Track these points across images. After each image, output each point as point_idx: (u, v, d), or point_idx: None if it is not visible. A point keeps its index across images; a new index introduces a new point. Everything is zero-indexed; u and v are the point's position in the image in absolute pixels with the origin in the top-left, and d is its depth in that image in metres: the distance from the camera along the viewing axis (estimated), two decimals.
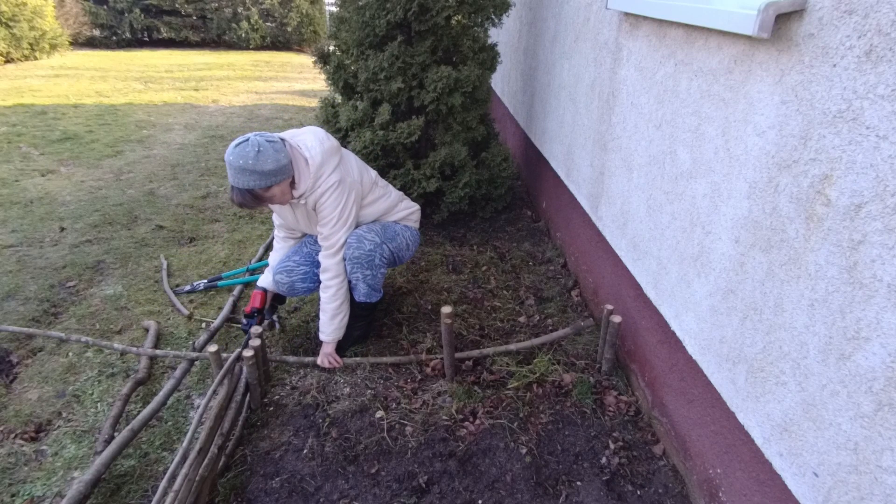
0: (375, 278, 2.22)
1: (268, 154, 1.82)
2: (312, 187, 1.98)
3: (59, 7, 11.26)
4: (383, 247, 2.18)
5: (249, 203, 1.89)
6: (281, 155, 1.86)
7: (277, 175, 1.85)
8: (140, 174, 4.51)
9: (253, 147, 1.81)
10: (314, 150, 1.97)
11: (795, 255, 1.19)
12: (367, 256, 2.13)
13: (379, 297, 2.31)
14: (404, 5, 2.78)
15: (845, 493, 1.08)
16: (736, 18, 1.25)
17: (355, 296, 2.27)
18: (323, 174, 1.99)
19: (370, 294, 2.26)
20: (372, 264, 2.16)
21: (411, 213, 2.40)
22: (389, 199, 2.30)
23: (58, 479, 1.75)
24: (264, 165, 1.81)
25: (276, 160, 1.84)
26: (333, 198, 2.01)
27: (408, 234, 2.35)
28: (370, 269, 2.17)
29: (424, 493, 1.70)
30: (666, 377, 1.84)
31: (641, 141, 1.96)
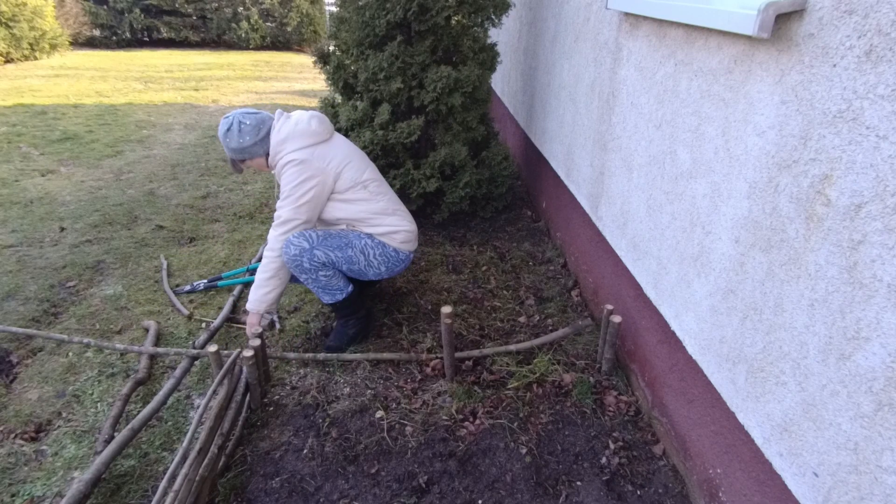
0: (318, 281, 2.17)
1: (233, 134, 2.09)
2: (273, 160, 2.13)
3: (59, 7, 11.26)
4: (314, 252, 2.09)
5: (235, 167, 2.22)
6: (245, 137, 2.08)
7: (242, 153, 2.12)
8: (140, 174, 4.51)
9: (226, 124, 2.10)
10: (284, 127, 2.10)
11: (795, 255, 1.19)
12: (292, 261, 2.10)
13: (343, 294, 2.24)
14: (404, 5, 2.78)
15: (845, 493, 1.08)
16: (736, 18, 1.25)
17: (319, 298, 2.28)
18: (283, 150, 2.09)
19: (329, 295, 2.23)
20: (302, 268, 2.11)
21: (395, 231, 2.23)
22: (368, 207, 2.19)
23: (58, 479, 1.75)
24: (230, 143, 2.10)
25: (239, 141, 2.09)
26: (288, 173, 2.06)
27: (375, 251, 2.20)
28: (304, 273, 2.14)
29: (424, 493, 1.70)
30: (666, 377, 1.84)
31: (641, 141, 1.96)
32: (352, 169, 2.16)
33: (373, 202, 2.22)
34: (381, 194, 2.26)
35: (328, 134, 2.17)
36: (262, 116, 2.12)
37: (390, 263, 2.27)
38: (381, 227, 2.23)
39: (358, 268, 2.22)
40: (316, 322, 2.54)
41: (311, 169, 2.05)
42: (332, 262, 2.15)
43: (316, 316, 2.59)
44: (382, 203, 2.25)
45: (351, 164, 2.16)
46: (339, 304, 2.27)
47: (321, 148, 2.10)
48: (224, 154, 5.10)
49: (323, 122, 2.15)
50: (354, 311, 2.33)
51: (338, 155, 2.13)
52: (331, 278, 2.19)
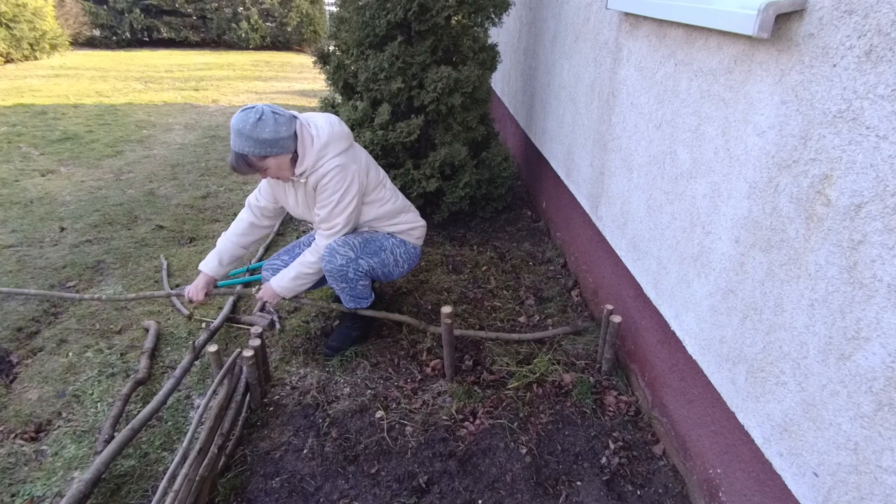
0: (355, 290, 2.17)
1: (268, 123, 1.84)
2: (314, 166, 1.96)
3: (59, 7, 11.26)
4: (358, 262, 2.10)
5: (243, 168, 1.90)
6: (282, 128, 1.87)
7: (273, 146, 1.86)
8: (140, 174, 4.51)
9: (256, 114, 1.84)
10: (322, 129, 1.97)
11: (795, 255, 1.19)
12: (338, 271, 2.09)
13: (368, 303, 2.26)
14: (404, 5, 2.78)
15: (845, 493, 1.08)
16: (736, 18, 1.25)
17: (343, 302, 2.27)
18: (327, 154, 1.97)
19: (355, 302, 2.23)
20: (346, 278, 2.11)
21: (412, 227, 2.29)
22: (392, 206, 2.22)
23: (58, 479, 1.75)
24: (261, 133, 1.83)
25: (275, 131, 1.85)
26: (335, 181, 1.97)
27: (400, 250, 2.25)
28: (345, 283, 2.13)
29: (424, 493, 1.70)
30: (666, 377, 1.84)
31: (641, 141, 1.96)
32: (374, 167, 2.16)
33: (392, 201, 2.22)
34: (395, 191, 2.27)
35: (352, 136, 2.13)
36: (290, 113, 1.97)
37: (411, 261, 2.32)
38: (401, 225, 2.25)
39: (388, 269, 2.24)
40: (316, 322, 2.55)
41: (352, 172, 2.00)
42: (372, 269, 2.17)
43: (316, 316, 2.59)
44: (399, 201, 2.26)
45: (371, 163, 2.15)
46: (359, 309, 2.27)
47: (353, 150, 2.07)
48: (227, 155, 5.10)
49: (345, 125, 2.09)
50: (364, 319, 2.35)
51: (363, 156, 2.11)
52: (366, 287, 2.21)
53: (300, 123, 1.96)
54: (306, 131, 1.96)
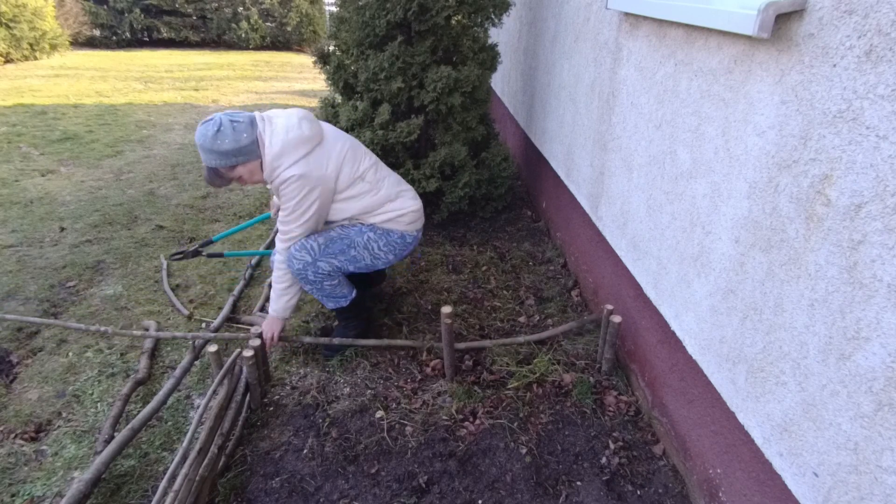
0: (323, 290, 2.16)
1: (226, 134, 1.84)
2: (271, 176, 1.95)
3: (59, 7, 11.25)
4: (317, 264, 2.07)
5: (216, 181, 1.94)
6: (242, 136, 1.86)
7: (237, 156, 1.87)
8: (140, 174, 4.51)
9: (214, 126, 1.84)
10: (276, 137, 1.90)
11: (795, 255, 1.19)
12: (297, 274, 2.09)
13: (347, 300, 2.23)
14: (404, 5, 2.78)
15: (845, 493, 1.08)
16: (736, 18, 1.25)
17: (322, 303, 2.27)
18: (280, 165, 1.91)
19: (334, 301, 2.22)
20: (307, 280, 2.10)
21: (400, 214, 2.17)
22: (372, 199, 2.12)
23: (58, 479, 1.75)
24: (221, 145, 1.84)
25: (235, 140, 1.84)
26: (291, 190, 1.93)
27: (380, 243, 2.16)
28: (309, 284, 2.13)
29: (424, 493, 1.70)
30: (666, 377, 1.84)
31: (641, 141, 1.96)
32: (348, 164, 2.05)
33: (373, 192, 2.13)
34: (380, 181, 2.16)
35: (320, 134, 2.02)
36: (250, 115, 1.94)
37: (397, 250, 2.23)
38: (385, 215, 2.16)
39: (364, 264, 2.19)
40: (316, 322, 2.55)
41: (312, 181, 1.94)
42: (337, 269, 2.13)
43: (316, 316, 2.59)
44: (384, 190, 2.16)
45: (346, 160, 2.05)
46: (340, 309, 2.26)
47: (316, 153, 1.97)
48: None
49: (312, 123, 2.00)
50: (356, 314, 2.33)
51: (333, 155, 2.01)
52: (335, 287, 2.18)
53: (259, 129, 1.91)
54: (261, 139, 1.91)
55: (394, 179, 2.23)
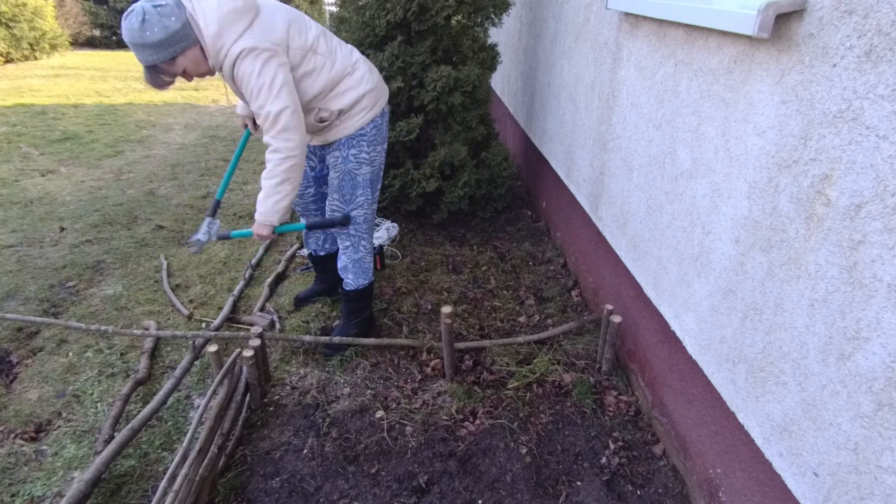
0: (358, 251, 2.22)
1: (153, 22, 1.64)
2: (217, 59, 1.76)
3: (59, 7, 11.25)
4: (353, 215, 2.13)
5: (158, 81, 1.77)
6: (170, 20, 1.65)
7: (173, 44, 1.67)
8: (140, 174, 4.51)
9: (137, 17, 1.64)
10: (209, 17, 1.70)
11: (795, 255, 1.19)
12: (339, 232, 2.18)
13: (367, 280, 2.29)
14: (404, 5, 2.78)
15: (845, 492, 1.08)
16: (736, 18, 1.25)
17: (344, 285, 2.29)
18: (224, 44, 1.72)
19: (357, 276, 2.26)
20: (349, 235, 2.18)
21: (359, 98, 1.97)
22: (329, 75, 1.92)
23: (58, 479, 1.75)
24: (152, 36, 1.64)
25: (164, 28, 1.65)
26: (244, 66, 1.72)
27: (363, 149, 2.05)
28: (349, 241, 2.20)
29: (424, 493, 1.70)
30: (666, 377, 1.84)
31: (641, 141, 1.96)
32: (296, 33, 1.85)
33: (327, 68, 1.92)
34: (333, 52, 1.95)
35: (255, 4, 1.80)
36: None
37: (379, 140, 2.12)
38: (345, 98, 1.97)
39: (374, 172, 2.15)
40: (316, 322, 2.54)
41: (263, 50, 1.73)
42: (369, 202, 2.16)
43: (316, 316, 2.59)
44: (338, 63, 1.95)
45: (293, 28, 1.85)
46: (354, 294, 2.28)
47: (258, 23, 1.76)
48: (227, 155, 5.10)
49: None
50: (362, 308, 2.35)
51: (277, 23, 1.81)
52: (367, 254, 2.24)
53: (188, 10, 1.71)
54: (194, 21, 1.71)
55: (346, 49, 2.02)
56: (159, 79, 1.77)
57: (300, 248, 3.20)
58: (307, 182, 2.33)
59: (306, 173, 2.32)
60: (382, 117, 2.13)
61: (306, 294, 2.67)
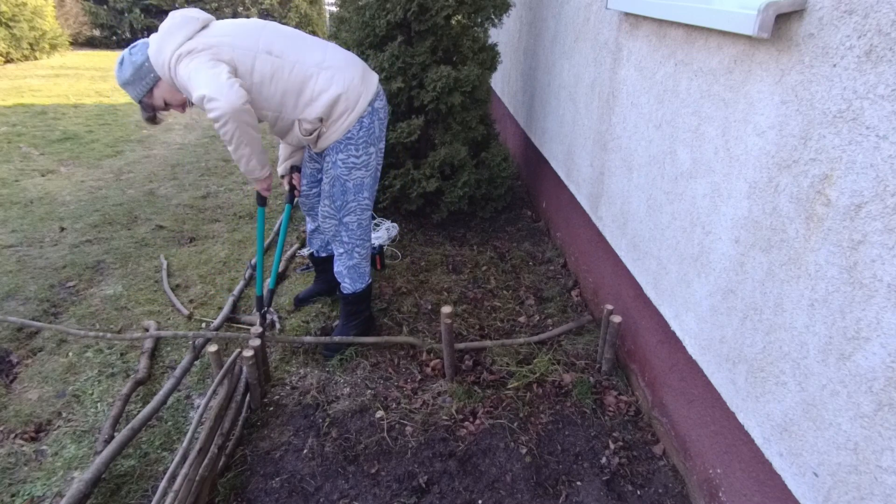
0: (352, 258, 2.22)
1: (126, 64, 1.82)
2: (165, 73, 1.79)
3: (59, 7, 11.25)
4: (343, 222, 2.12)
5: (150, 116, 1.94)
6: (137, 57, 1.81)
7: (142, 77, 1.82)
8: (140, 174, 4.51)
9: (118, 62, 1.84)
10: (153, 40, 1.79)
11: (795, 255, 1.19)
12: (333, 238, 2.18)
13: (365, 282, 2.29)
14: (404, 5, 2.78)
15: (845, 492, 1.08)
16: (736, 18, 1.25)
17: (342, 285, 2.30)
18: (164, 60, 1.76)
19: (359, 280, 2.27)
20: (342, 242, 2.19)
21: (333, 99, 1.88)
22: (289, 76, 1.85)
23: (58, 479, 1.75)
24: (125, 75, 1.83)
25: (132, 63, 1.80)
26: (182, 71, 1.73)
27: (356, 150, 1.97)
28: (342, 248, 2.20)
29: (424, 493, 1.70)
30: (666, 377, 1.84)
31: (641, 141, 1.97)
32: (245, 35, 1.82)
33: (286, 69, 1.84)
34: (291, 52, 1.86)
35: (200, 19, 1.82)
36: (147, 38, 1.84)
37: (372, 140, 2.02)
38: (319, 104, 1.89)
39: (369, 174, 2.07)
40: (316, 322, 2.54)
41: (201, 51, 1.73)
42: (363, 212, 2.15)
43: (316, 316, 2.59)
44: (299, 65, 1.86)
45: (240, 30, 1.83)
46: (351, 297, 2.29)
47: (201, 34, 1.78)
48: (227, 155, 5.10)
49: (189, 11, 1.82)
50: (360, 310, 2.36)
51: (223, 27, 1.82)
52: (362, 259, 2.25)
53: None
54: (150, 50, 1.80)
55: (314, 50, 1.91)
56: (148, 113, 1.94)
57: (300, 248, 3.20)
58: (312, 182, 2.35)
59: (312, 174, 2.35)
60: (372, 116, 1.98)
61: (306, 294, 2.67)
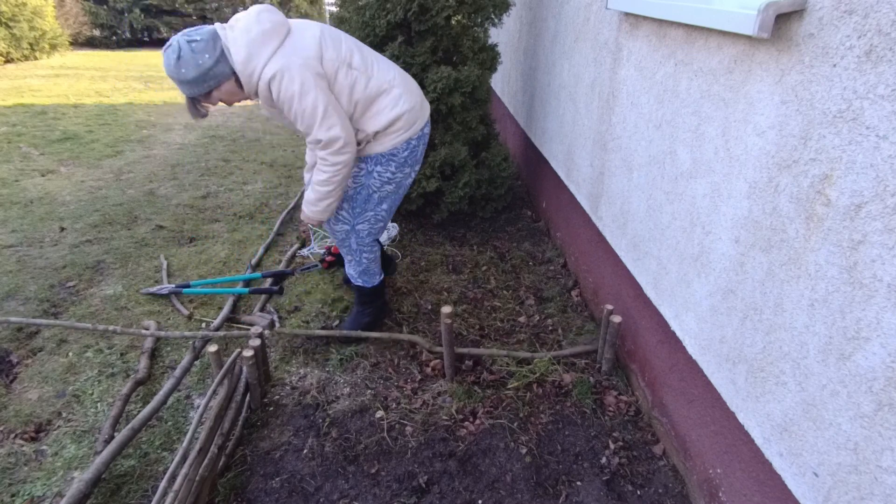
0: (361, 262, 2.20)
1: (187, 59, 1.70)
2: (250, 84, 1.79)
3: (59, 7, 11.25)
4: (356, 229, 2.06)
5: (198, 112, 1.84)
6: (204, 57, 1.70)
7: (206, 80, 1.73)
8: (140, 174, 4.51)
9: (173, 53, 1.70)
10: (239, 42, 1.73)
11: (795, 255, 1.19)
12: (342, 243, 2.14)
13: (377, 280, 2.28)
14: (404, 5, 2.78)
15: (845, 492, 1.08)
16: (736, 18, 1.25)
17: (351, 279, 2.30)
18: (255, 69, 1.74)
19: (367, 278, 2.26)
20: (350, 248, 2.15)
21: (395, 118, 1.93)
22: (362, 91, 1.89)
23: (58, 479, 1.75)
24: (187, 74, 1.71)
25: (197, 66, 1.70)
26: (285, 92, 1.75)
27: (391, 170, 2.00)
28: (351, 254, 2.17)
29: (424, 493, 1.70)
30: (666, 377, 1.84)
31: (641, 141, 1.97)
32: (329, 46, 1.84)
33: (362, 82, 1.89)
34: (366, 66, 1.92)
35: (286, 24, 1.82)
36: (209, 29, 1.75)
37: (410, 160, 2.06)
38: (380, 119, 1.93)
39: (397, 195, 2.10)
40: (316, 322, 2.54)
41: (296, 70, 1.74)
42: (376, 227, 2.12)
43: (316, 316, 2.59)
44: (373, 80, 1.91)
45: (325, 41, 1.84)
46: (368, 289, 2.30)
47: (288, 42, 1.78)
48: (228, 155, 5.10)
49: (273, 13, 1.80)
50: (374, 300, 2.37)
51: (308, 39, 1.81)
52: (371, 262, 2.22)
53: (222, 41, 1.74)
54: (227, 51, 1.75)
55: (384, 65, 1.98)
56: (197, 109, 1.84)
57: (301, 248, 3.21)
58: None
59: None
60: (420, 139, 2.06)
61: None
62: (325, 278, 2.89)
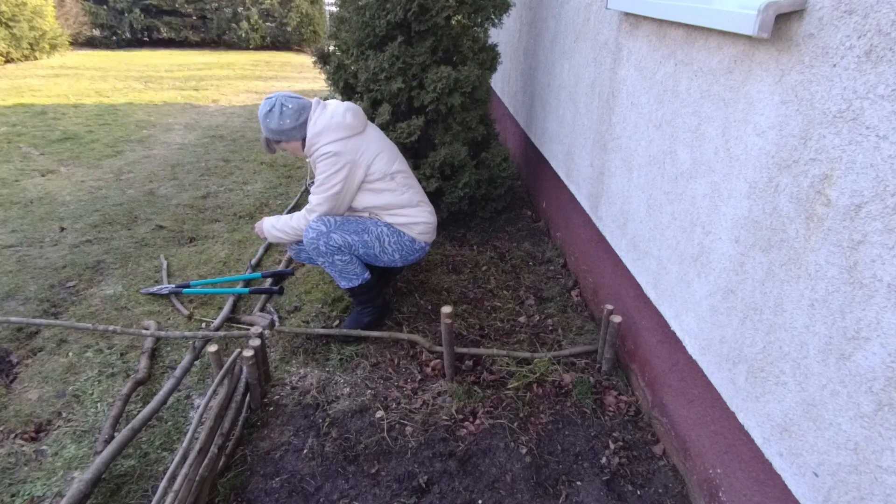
0: (335, 265, 2.25)
1: (274, 116, 2.17)
2: (309, 150, 2.21)
3: (59, 7, 11.25)
4: (330, 235, 2.19)
5: (270, 148, 2.33)
6: (286, 120, 2.17)
7: (280, 135, 2.20)
8: (140, 174, 4.51)
9: (268, 105, 2.19)
10: (321, 119, 2.17)
11: (795, 255, 1.19)
12: (310, 244, 2.21)
13: (360, 280, 2.31)
14: (404, 5, 2.78)
15: (845, 492, 1.08)
16: (736, 18, 1.25)
17: (336, 282, 2.37)
18: (318, 142, 2.16)
19: (346, 280, 2.30)
20: (319, 251, 2.21)
21: (414, 222, 2.32)
22: (393, 198, 2.28)
23: (58, 479, 1.75)
24: (270, 124, 2.19)
25: (279, 124, 2.17)
26: (323, 164, 2.15)
27: (391, 238, 2.29)
28: (321, 257, 2.23)
29: (424, 493, 1.70)
30: (666, 377, 1.84)
31: (641, 141, 1.97)
32: (382, 161, 2.23)
33: (398, 193, 2.29)
34: (407, 186, 2.33)
35: (362, 126, 2.24)
36: (304, 102, 2.20)
37: (405, 252, 2.35)
38: (401, 217, 2.31)
39: (372, 252, 2.30)
40: (316, 322, 2.54)
41: (343, 161, 2.14)
42: (348, 246, 2.23)
43: (316, 316, 2.59)
44: (407, 195, 2.32)
45: (381, 156, 2.23)
46: (355, 289, 2.33)
47: (354, 140, 2.18)
48: (227, 155, 5.10)
49: (357, 115, 2.22)
50: (371, 298, 2.39)
51: (370, 147, 2.21)
52: (347, 264, 2.26)
53: (309, 113, 2.19)
54: (310, 120, 2.19)
55: (418, 191, 2.40)
56: (266, 146, 2.32)
57: None
58: None
59: None
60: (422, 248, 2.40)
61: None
62: (326, 278, 2.89)
